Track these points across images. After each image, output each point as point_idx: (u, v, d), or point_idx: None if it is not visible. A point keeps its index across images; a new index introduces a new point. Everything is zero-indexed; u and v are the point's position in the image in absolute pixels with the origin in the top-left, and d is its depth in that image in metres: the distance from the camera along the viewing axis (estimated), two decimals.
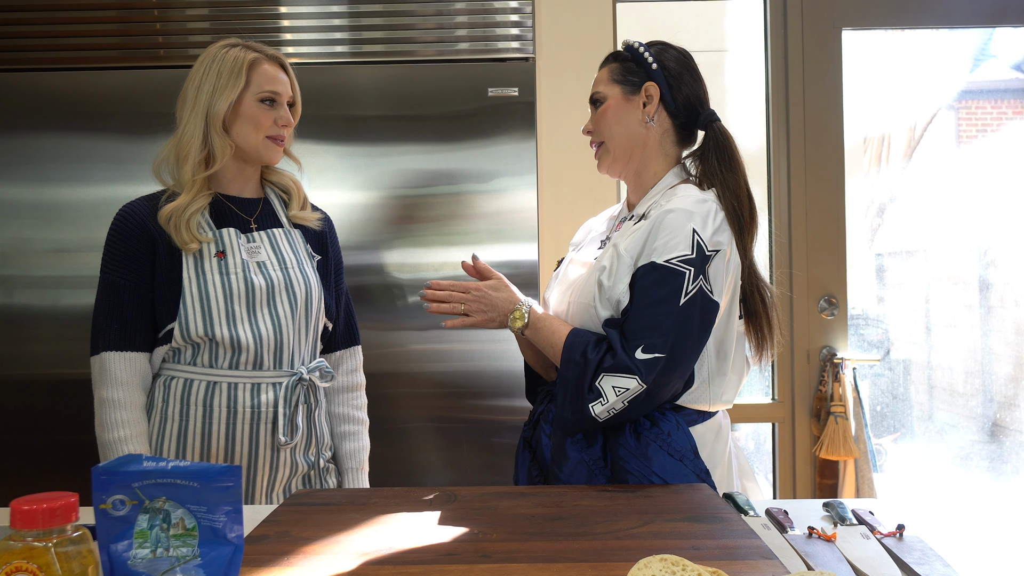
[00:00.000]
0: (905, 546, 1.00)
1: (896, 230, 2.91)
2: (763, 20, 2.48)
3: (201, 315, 1.44)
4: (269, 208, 1.59)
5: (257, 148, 1.51)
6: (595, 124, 1.42)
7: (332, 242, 1.66)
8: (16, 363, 2.23)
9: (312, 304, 1.55)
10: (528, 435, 1.44)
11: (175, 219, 1.44)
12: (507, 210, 2.23)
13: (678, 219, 1.27)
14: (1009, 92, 2.92)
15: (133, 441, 1.44)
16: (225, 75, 1.46)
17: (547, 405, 1.41)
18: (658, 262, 1.24)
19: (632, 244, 1.30)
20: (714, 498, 1.15)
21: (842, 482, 2.34)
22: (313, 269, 1.58)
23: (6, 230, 2.24)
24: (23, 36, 2.27)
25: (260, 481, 1.51)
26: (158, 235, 1.46)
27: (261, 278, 1.49)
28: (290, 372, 1.51)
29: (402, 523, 1.05)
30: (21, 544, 0.67)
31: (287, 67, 1.56)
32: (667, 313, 1.22)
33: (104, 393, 1.44)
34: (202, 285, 1.45)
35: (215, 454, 1.48)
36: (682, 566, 0.79)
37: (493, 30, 2.27)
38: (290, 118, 1.54)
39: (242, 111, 1.48)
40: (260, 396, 1.48)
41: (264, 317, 1.48)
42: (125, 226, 1.47)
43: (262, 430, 1.48)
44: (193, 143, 1.47)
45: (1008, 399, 2.71)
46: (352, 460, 1.65)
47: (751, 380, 2.56)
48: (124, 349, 1.44)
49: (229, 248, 1.48)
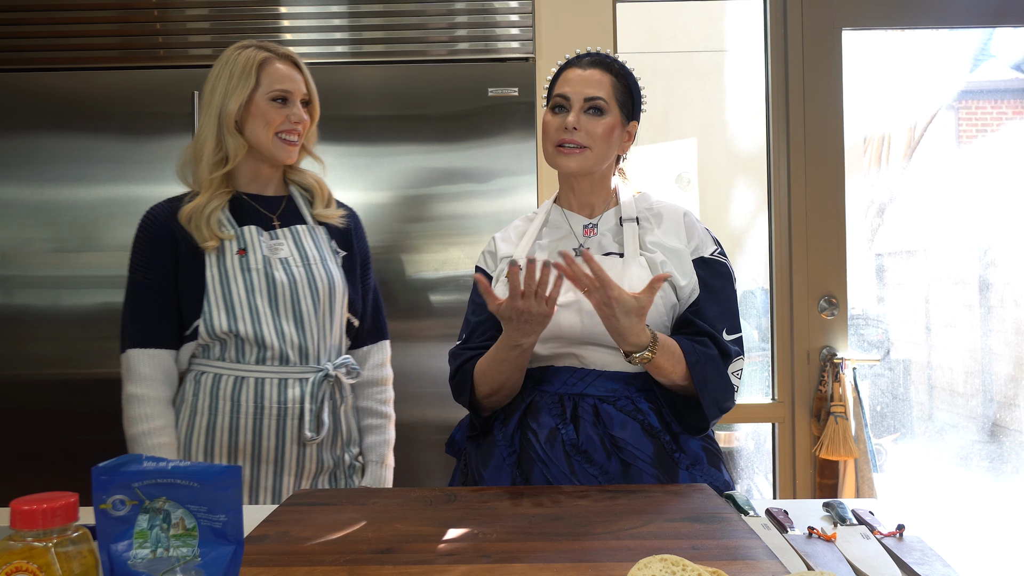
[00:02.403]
0: (905, 546, 1.00)
1: (896, 230, 2.92)
2: (763, 20, 2.48)
3: (224, 311, 1.47)
4: (293, 206, 1.61)
5: (269, 146, 1.52)
6: (588, 131, 1.37)
7: (358, 238, 1.67)
8: (16, 363, 2.23)
9: (336, 300, 1.56)
10: (506, 440, 1.37)
11: (195, 218, 1.48)
12: (507, 210, 2.23)
13: (693, 219, 1.43)
14: (1009, 92, 2.92)
15: (158, 434, 1.48)
16: (236, 76, 1.50)
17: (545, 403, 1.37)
18: (706, 256, 1.40)
19: (676, 242, 1.39)
20: (714, 498, 1.15)
21: (842, 482, 2.34)
22: (337, 265, 1.59)
23: (6, 230, 2.24)
24: (23, 36, 2.27)
25: (287, 477, 1.52)
26: (180, 234, 1.49)
27: (283, 274, 1.51)
28: (316, 368, 1.53)
29: (402, 523, 1.05)
30: (21, 544, 0.67)
31: (301, 65, 1.57)
32: (730, 298, 1.39)
33: (130, 389, 1.49)
34: (224, 282, 1.48)
35: (242, 449, 1.50)
36: (682, 566, 0.79)
37: (493, 30, 2.27)
38: (302, 115, 1.54)
39: (253, 110, 1.51)
40: (287, 392, 1.50)
41: (287, 313, 1.51)
42: (148, 227, 1.52)
43: (288, 426, 1.50)
44: (208, 143, 1.51)
45: (1008, 399, 2.71)
46: (373, 453, 1.66)
47: (751, 380, 2.56)
48: (148, 346, 1.49)
49: (250, 245, 1.51)
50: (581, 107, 1.37)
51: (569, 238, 1.44)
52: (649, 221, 1.42)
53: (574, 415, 1.32)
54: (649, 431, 1.32)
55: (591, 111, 1.37)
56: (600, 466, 1.29)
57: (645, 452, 1.30)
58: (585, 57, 1.42)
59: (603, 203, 1.46)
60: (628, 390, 1.34)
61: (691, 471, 1.32)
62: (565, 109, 1.38)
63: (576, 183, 1.44)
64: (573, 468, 1.29)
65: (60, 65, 2.26)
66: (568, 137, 1.37)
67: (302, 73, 1.56)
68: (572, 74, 1.40)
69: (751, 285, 2.63)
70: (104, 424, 2.21)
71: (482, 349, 1.40)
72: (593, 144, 1.37)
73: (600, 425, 1.31)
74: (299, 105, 1.54)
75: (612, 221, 1.43)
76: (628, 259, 1.36)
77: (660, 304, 1.34)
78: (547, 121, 1.40)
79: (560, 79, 1.42)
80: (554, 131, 1.39)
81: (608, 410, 1.32)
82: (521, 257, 1.42)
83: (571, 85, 1.38)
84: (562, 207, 1.47)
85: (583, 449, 1.30)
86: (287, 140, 1.53)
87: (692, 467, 1.32)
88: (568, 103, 1.38)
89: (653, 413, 1.33)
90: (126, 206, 2.23)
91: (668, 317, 1.37)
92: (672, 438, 1.33)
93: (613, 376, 1.34)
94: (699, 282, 1.37)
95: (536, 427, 1.33)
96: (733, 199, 2.83)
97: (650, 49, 2.99)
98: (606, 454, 1.29)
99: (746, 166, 2.74)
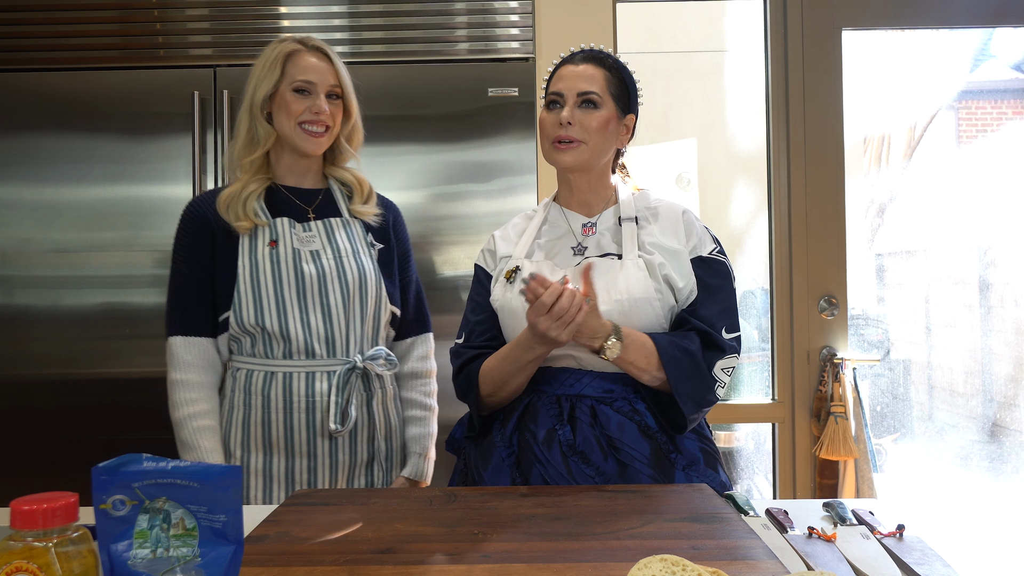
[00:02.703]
0: (905, 546, 1.00)
1: (896, 230, 2.92)
2: (763, 20, 2.48)
3: (252, 305, 1.51)
4: (330, 198, 1.63)
5: (292, 136, 1.55)
6: (583, 125, 1.38)
7: (397, 231, 1.68)
8: (16, 363, 2.23)
9: (368, 292, 1.57)
10: (505, 440, 1.37)
11: (232, 203, 1.53)
12: (507, 210, 2.22)
13: (692, 218, 1.43)
14: (1009, 92, 2.92)
15: (201, 417, 1.51)
16: (266, 67, 1.55)
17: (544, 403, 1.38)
18: (704, 255, 1.39)
19: (674, 242, 1.39)
20: (714, 498, 1.15)
21: (842, 482, 2.34)
22: (371, 258, 1.60)
23: (6, 230, 2.24)
24: (23, 36, 2.27)
25: (322, 470, 1.54)
26: (216, 223, 1.54)
27: (312, 267, 1.53)
28: (344, 361, 1.54)
29: (402, 523, 1.05)
30: (21, 544, 0.67)
31: (332, 58, 1.58)
32: (729, 296, 1.39)
33: (173, 375, 1.53)
34: (254, 273, 1.51)
35: (275, 443, 1.53)
36: (682, 566, 0.79)
37: (493, 30, 2.27)
38: (323, 107, 1.54)
39: (278, 100, 1.55)
40: (315, 385, 1.52)
41: (315, 306, 1.53)
42: (188, 217, 1.57)
43: (319, 419, 1.52)
44: (241, 130, 1.57)
45: (1008, 399, 2.71)
46: (416, 445, 1.66)
47: (752, 380, 2.56)
48: (188, 334, 1.53)
49: (281, 237, 1.54)
50: (575, 102, 1.38)
51: (568, 237, 1.44)
52: (648, 220, 1.42)
53: (571, 416, 1.32)
54: (646, 432, 1.32)
55: (585, 105, 1.38)
56: (597, 467, 1.29)
57: (642, 452, 1.30)
58: (578, 54, 1.44)
59: (602, 201, 1.46)
60: (625, 391, 1.34)
61: (687, 472, 1.32)
62: (559, 105, 1.39)
63: (574, 180, 1.44)
64: (570, 469, 1.29)
65: (60, 65, 2.26)
66: (563, 132, 1.37)
67: (332, 65, 1.57)
68: (566, 71, 1.42)
69: (751, 285, 2.63)
70: (104, 424, 2.22)
71: (484, 348, 1.41)
72: (588, 138, 1.38)
73: (597, 426, 1.31)
74: (323, 97, 1.54)
75: (611, 220, 1.43)
76: (626, 260, 1.36)
77: (658, 306, 1.34)
78: (543, 118, 1.42)
79: (555, 77, 1.44)
80: (550, 127, 1.40)
81: (605, 411, 1.32)
82: (519, 258, 1.43)
83: (564, 81, 1.40)
84: (561, 205, 1.48)
85: (580, 450, 1.30)
86: (310, 131, 1.54)
87: (688, 468, 1.32)
88: (562, 99, 1.39)
89: (650, 414, 1.33)
90: (126, 206, 2.23)
91: (666, 319, 1.37)
92: (669, 439, 1.33)
93: (610, 377, 1.34)
94: (697, 281, 1.37)
95: (534, 428, 1.33)
96: (733, 199, 2.83)
97: (650, 49, 2.99)
98: (603, 455, 1.29)
99: (746, 166, 2.74)
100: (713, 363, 1.33)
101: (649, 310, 1.33)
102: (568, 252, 1.42)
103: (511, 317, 1.38)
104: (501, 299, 1.40)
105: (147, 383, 2.20)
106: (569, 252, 1.42)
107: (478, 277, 1.49)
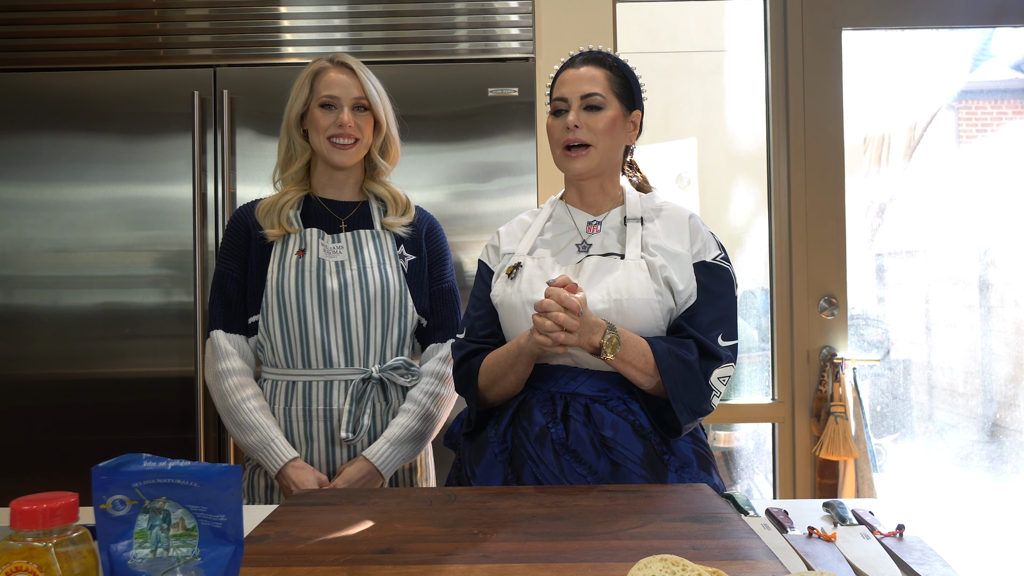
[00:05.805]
0: (905, 546, 1.00)
1: (896, 230, 2.92)
2: (763, 20, 2.48)
3: (277, 309, 1.55)
4: (366, 211, 1.66)
5: (322, 149, 1.60)
6: (590, 127, 1.38)
7: (431, 241, 1.69)
8: (16, 363, 2.23)
9: (390, 303, 1.59)
10: (498, 436, 1.37)
11: (270, 212, 1.60)
12: (507, 210, 2.23)
13: (698, 222, 1.42)
14: (1009, 92, 2.92)
15: (254, 399, 1.55)
16: (298, 86, 1.61)
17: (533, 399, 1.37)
18: (708, 260, 1.39)
19: (678, 245, 1.38)
20: (714, 498, 1.15)
21: (842, 482, 2.34)
22: (397, 269, 1.62)
23: (6, 230, 2.24)
24: (23, 36, 2.27)
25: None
26: (253, 228, 1.61)
27: (335, 278, 1.57)
28: (362, 371, 1.56)
29: (402, 523, 1.05)
30: (21, 544, 0.67)
31: (357, 72, 1.61)
32: (729, 304, 1.38)
33: (218, 366, 1.57)
34: (281, 280, 1.56)
35: (299, 450, 1.55)
36: (682, 566, 0.79)
37: (493, 30, 2.27)
38: (348, 120, 1.57)
39: (310, 117, 1.61)
40: (332, 394, 1.55)
41: (335, 315, 1.56)
42: (233, 220, 1.65)
43: (336, 428, 1.55)
44: (282, 146, 1.65)
45: (1008, 399, 2.71)
46: (389, 430, 1.58)
47: (752, 380, 2.57)
48: (228, 331, 1.59)
49: (309, 247, 1.59)
50: (580, 105, 1.39)
51: (572, 234, 1.44)
52: (653, 222, 1.42)
53: (564, 414, 1.32)
54: (640, 432, 1.32)
55: (590, 108, 1.39)
56: (589, 466, 1.29)
57: (635, 453, 1.30)
58: (578, 57, 1.45)
59: (610, 201, 1.47)
60: (619, 390, 1.34)
61: (680, 473, 1.32)
62: (565, 110, 1.40)
63: (585, 186, 1.45)
64: (562, 467, 1.29)
65: (60, 65, 2.26)
66: (572, 137, 1.39)
67: (357, 79, 1.60)
68: (567, 75, 1.42)
69: (751, 285, 2.63)
70: (104, 424, 2.22)
71: (484, 343, 1.42)
72: (596, 140, 1.39)
73: (591, 425, 1.31)
74: (347, 110, 1.57)
75: (617, 219, 1.43)
76: (627, 260, 1.36)
77: (657, 307, 1.34)
78: (550, 125, 1.43)
79: (557, 82, 1.45)
80: (558, 133, 1.41)
81: (599, 410, 1.32)
82: (521, 255, 1.44)
83: (567, 86, 1.41)
84: (567, 203, 1.48)
85: (572, 448, 1.30)
86: (337, 143, 1.58)
87: (681, 469, 1.32)
88: (567, 104, 1.40)
89: (644, 414, 1.33)
90: (126, 206, 2.23)
91: (664, 321, 1.37)
92: (662, 440, 1.33)
93: (605, 376, 1.34)
94: (699, 286, 1.37)
95: (527, 425, 1.33)
96: (733, 199, 2.83)
97: (650, 49, 2.99)
98: (595, 454, 1.29)
99: (746, 166, 2.74)
100: (710, 372, 1.32)
101: (648, 311, 1.33)
102: (572, 249, 1.43)
103: (510, 313, 1.39)
104: (501, 295, 1.41)
105: (147, 383, 2.21)
106: (573, 249, 1.43)
107: (481, 273, 1.50)
